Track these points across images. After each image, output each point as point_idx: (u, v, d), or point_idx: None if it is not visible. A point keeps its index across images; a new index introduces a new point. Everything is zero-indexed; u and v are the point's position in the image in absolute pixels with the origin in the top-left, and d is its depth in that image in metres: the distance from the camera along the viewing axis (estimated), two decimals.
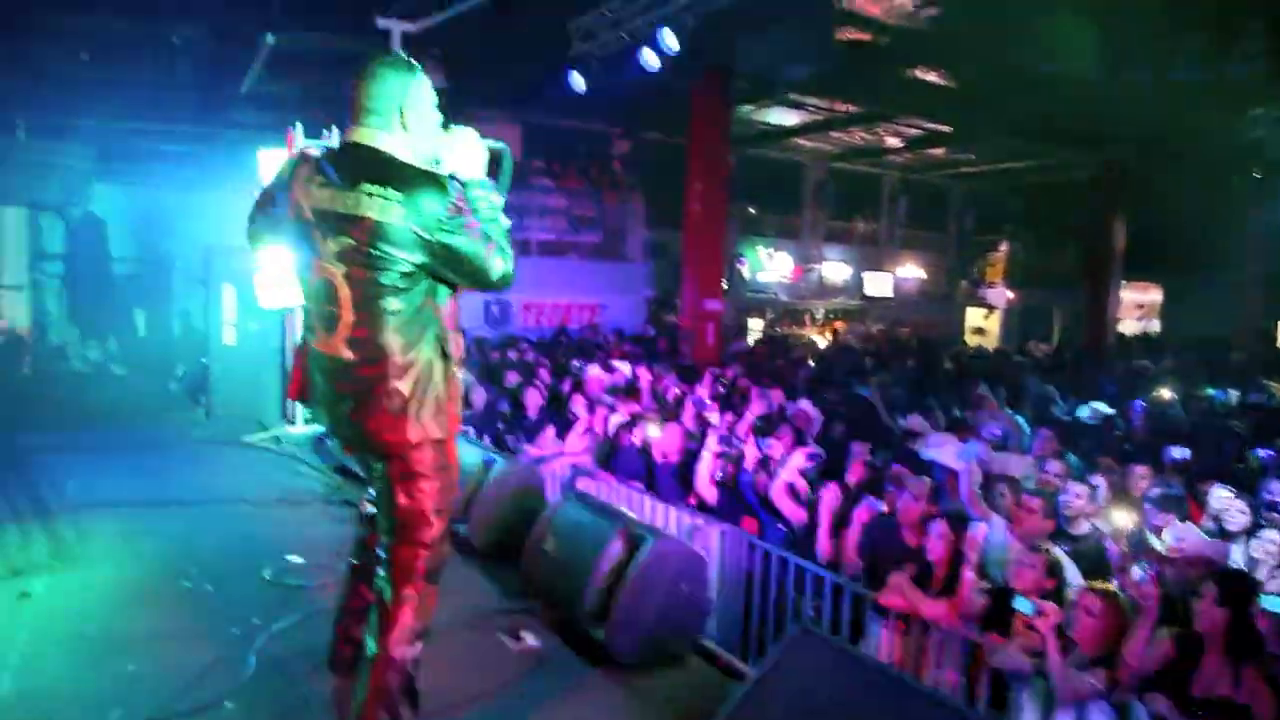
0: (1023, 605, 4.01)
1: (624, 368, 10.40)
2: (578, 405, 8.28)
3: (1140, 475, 5.71)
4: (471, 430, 8.09)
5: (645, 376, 9.05)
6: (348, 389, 2.63)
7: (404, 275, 2.55)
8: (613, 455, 7.53)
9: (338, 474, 6.37)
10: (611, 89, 9.81)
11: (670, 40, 7.80)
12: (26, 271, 12.13)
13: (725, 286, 14.64)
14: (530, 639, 3.67)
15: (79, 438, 7.24)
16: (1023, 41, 11.29)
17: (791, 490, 6.09)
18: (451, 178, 2.62)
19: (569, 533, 3.83)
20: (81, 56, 9.85)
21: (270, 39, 9.06)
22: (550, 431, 8.19)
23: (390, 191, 2.51)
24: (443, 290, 2.67)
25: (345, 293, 2.57)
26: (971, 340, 22.39)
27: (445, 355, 2.67)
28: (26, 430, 7.35)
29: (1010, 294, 23.58)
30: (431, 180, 2.55)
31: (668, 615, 3.43)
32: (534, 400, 8.60)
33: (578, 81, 9.24)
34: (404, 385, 2.58)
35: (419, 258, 2.54)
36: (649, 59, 8.20)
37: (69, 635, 3.68)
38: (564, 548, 3.79)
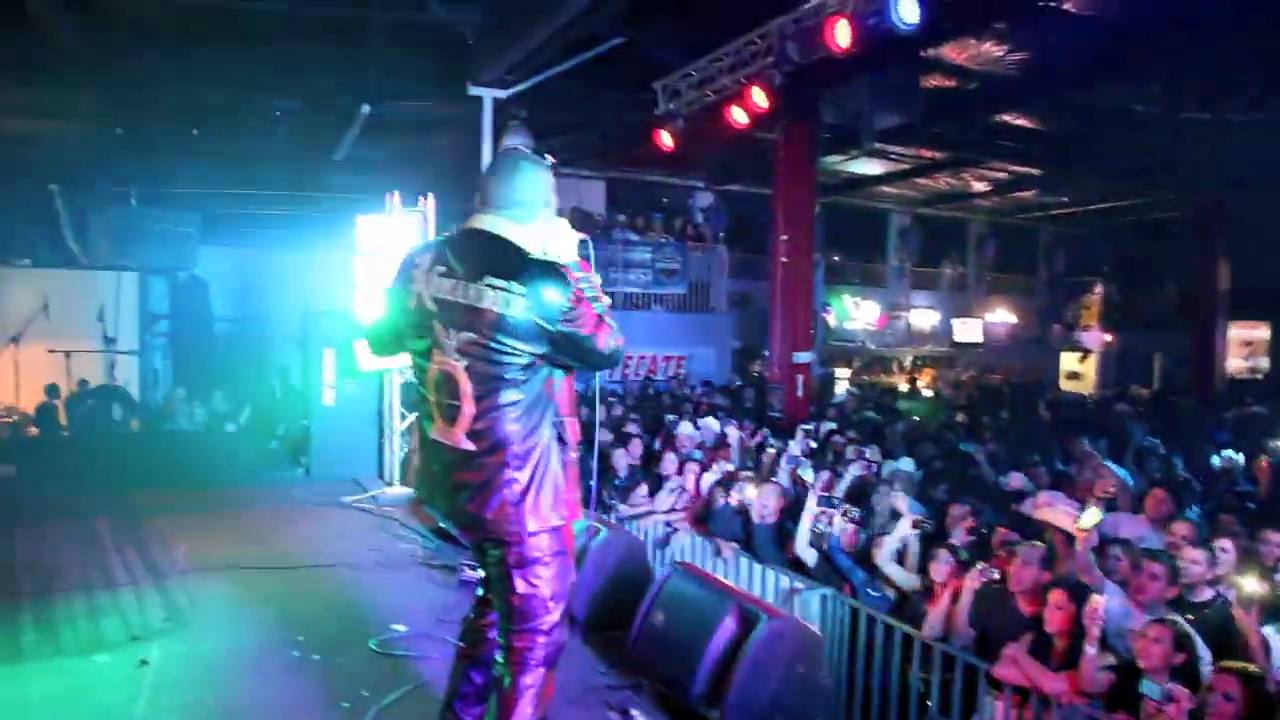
0: (1150, 690, 3.76)
1: (713, 423, 10.32)
2: (669, 463, 8.22)
3: (1275, 542, 5.35)
4: None
5: (735, 433, 8.93)
6: (466, 478, 2.64)
7: (524, 367, 2.57)
8: (708, 514, 7.43)
9: (436, 536, 6.41)
10: (697, 145, 9.88)
11: (759, 98, 7.80)
12: (137, 334, 12.65)
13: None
14: (639, 717, 3.58)
15: (187, 497, 7.44)
16: (1111, 82, 11.05)
17: (898, 555, 5.90)
18: (566, 266, 2.64)
19: (678, 608, 3.75)
20: (192, 132, 10.32)
21: (366, 109, 9.37)
22: (642, 489, 8.14)
23: (514, 285, 2.53)
24: (558, 375, 2.70)
25: (466, 386, 2.59)
26: (1066, 385, 21.68)
27: (562, 441, 2.68)
28: (138, 489, 7.60)
29: (1107, 336, 22.79)
30: (554, 272, 2.58)
31: (784, 698, 3.31)
32: (624, 459, 8.58)
33: (666, 140, 9.31)
34: (522, 474, 2.59)
35: (540, 348, 2.56)
36: (738, 116, 8.22)
37: (186, 705, 3.72)
38: (673, 623, 3.70)
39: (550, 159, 2.83)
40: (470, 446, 2.61)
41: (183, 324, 15.12)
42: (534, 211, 2.69)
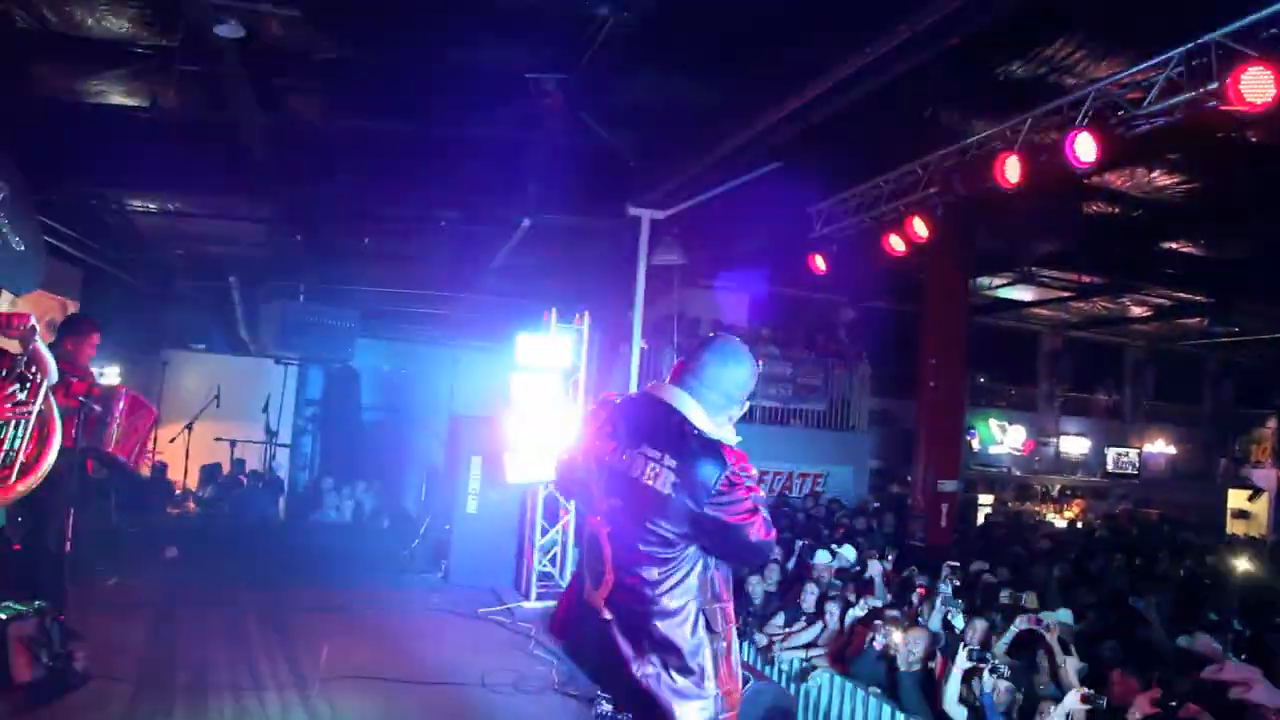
0: None
1: (849, 552, 9.93)
2: (808, 595, 7.92)
3: None
4: None
5: (878, 566, 8.54)
6: (607, 646, 2.59)
7: (665, 543, 2.49)
8: (849, 654, 7.08)
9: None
10: (848, 266, 9.80)
11: (920, 228, 7.69)
12: (292, 424, 13.26)
13: None
14: None
15: (331, 596, 7.60)
16: None
17: None
18: (728, 446, 2.54)
19: None
20: (364, 240, 10.93)
21: (526, 222, 9.72)
22: (779, 618, 7.86)
23: (668, 457, 2.47)
24: (710, 562, 2.57)
25: (608, 552, 2.57)
26: (1233, 526, 20.04)
27: (711, 630, 2.54)
28: (287, 582, 7.83)
29: None
30: (712, 450, 2.49)
31: None
32: (760, 585, 8.33)
33: (819, 264, 9.27)
34: (661, 660, 2.51)
35: (683, 528, 2.47)
36: (895, 244, 8.12)
37: None
38: None
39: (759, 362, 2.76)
40: (608, 616, 2.57)
41: (333, 411, 15.81)
42: (731, 405, 2.63)
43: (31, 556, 5.87)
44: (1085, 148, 5.94)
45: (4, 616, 4.68)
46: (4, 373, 3.24)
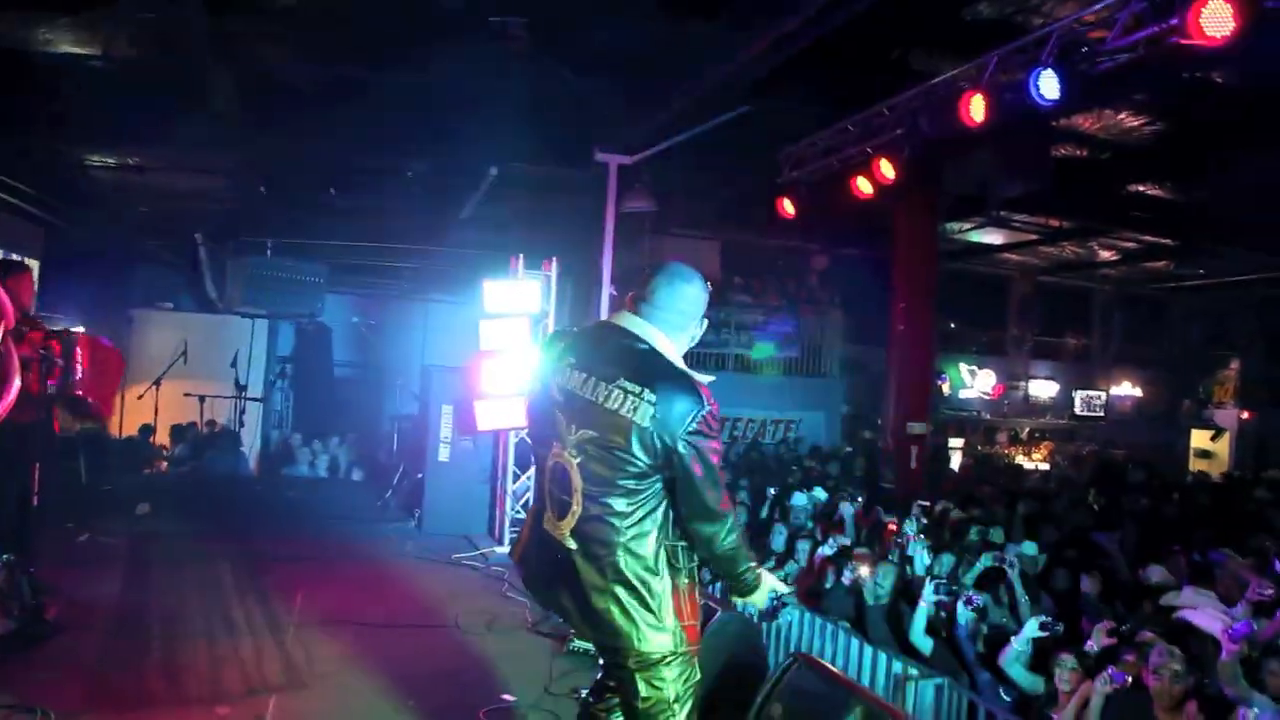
0: None
1: (820, 495, 10.07)
2: (777, 536, 8.04)
3: None
4: None
5: (849, 508, 8.68)
6: (568, 576, 2.63)
7: (638, 476, 2.52)
8: (818, 590, 7.21)
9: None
10: (818, 211, 9.79)
11: (886, 169, 7.70)
12: (263, 379, 13.19)
13: None
14: None
15: (302, 546, 7.63)
16: (1258, 154, 10.50)
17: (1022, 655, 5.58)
18: (704, 385, 2.58)
19: (797, 702, 3.59)
20: (330, 191, 10.78)
21: (493, 171, 9.63)
22: None
23: (648, 392, 2.49)
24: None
25: (578, 482, 2.58)
26: (1197, 464, 20.46)
27: (673, 566, 2.60)
28: (258, 536, 7.84)
29: (1244, 414, 21.45)
30: (689, 387, 2.53)
31: None
32: None
33: (788, 208, 9.27)
34: (620, 590, 2.55)
35: (655, 460, 2.50)
36: (863, 187, 8.12)
37: None
38: (793, 718, 3.55)
39: (707, 282, 2.79)
40: (573, 545, 2.61)
41: (305, 368, 15.74)
42: (688, 324, 2.68)
43: None
44: (1049, 85, 5.94)
45: None
46: None
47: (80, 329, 5.66)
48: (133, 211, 12.57)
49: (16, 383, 3.43)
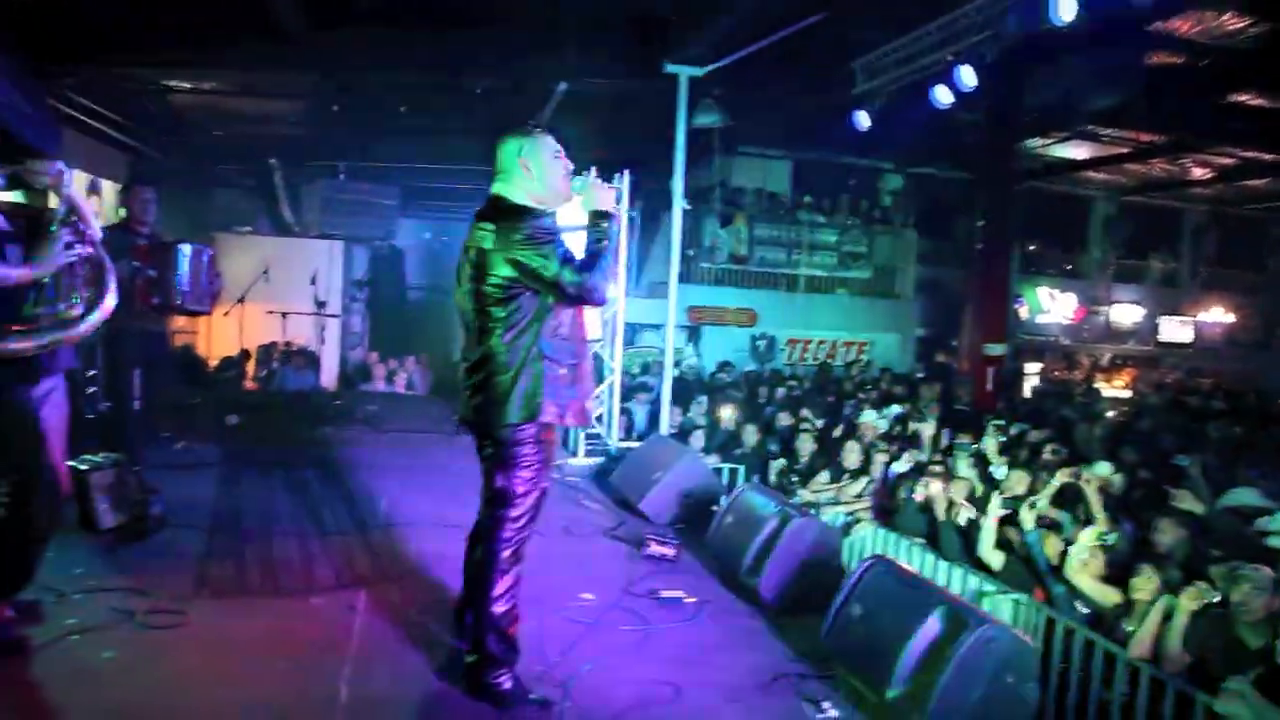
0: None
1: (894, 412, 10.01)
2: (851, 452, 8.03)
3: None
4: (741, 469, 8.06)
5: (926, 428, 8.62)
6: (469, 383, 3.31)
7: (499, 288, 3.17)
8: (891, 507, 7.22)
9: (619, 507, 6.52)
10: (893, 126, 9.52)
11: (968, 77, 7.42)
12: (340, 299, 13.49)
13: None
14: (832, 710, 3.50)
15: (379, 455, 7.84)
16: None
17: (1090, 566, 5.53)
18: (531, 209, 3.26)
19: (877, 602, 3.63)
20: (400, 109, 10.83)
21: (562, 87, 9.54)
22: (824, 477, 8.01)
23: (488, 224, 3.22)
24: (543, 306, 3.20)
25: (469, 305, 3.29)
26: None
27: (541, 358, 3.20)
28: (341, 446, 8.10)
29: None
30: (518, 212, 3.25)
31: (990, 708, 3.14)
32: (806, 445, 8.45)
33: (863, 120, 9.02)
34: (503, 379, 3.17)
35: (505, 270, 3.14)
36: (943, 96, 7.85)
37: (391, 642, 3.96)
38: (871, 617, 3.59)
39: (539, 129, 3.42)
40: (474, 356, 3.27)
41: (380, 290, 16.06)
42: (509, 174, 3.30)
43: (104, 414, 6.19)
44: None
45: (84, 468, 4.93)
46: (52, 226, 3.32)
47: (186, 245, 5.85)
48: (209, 137, 12.82)
49: (113, 286, 3.56)
